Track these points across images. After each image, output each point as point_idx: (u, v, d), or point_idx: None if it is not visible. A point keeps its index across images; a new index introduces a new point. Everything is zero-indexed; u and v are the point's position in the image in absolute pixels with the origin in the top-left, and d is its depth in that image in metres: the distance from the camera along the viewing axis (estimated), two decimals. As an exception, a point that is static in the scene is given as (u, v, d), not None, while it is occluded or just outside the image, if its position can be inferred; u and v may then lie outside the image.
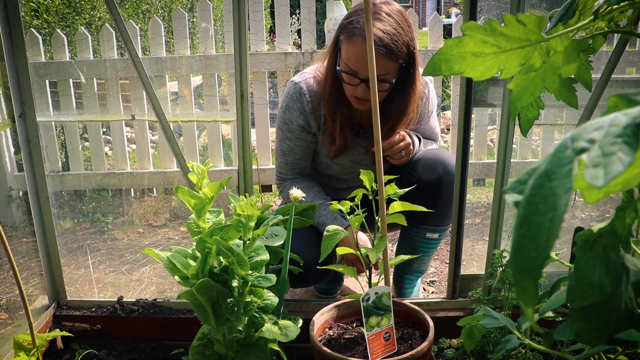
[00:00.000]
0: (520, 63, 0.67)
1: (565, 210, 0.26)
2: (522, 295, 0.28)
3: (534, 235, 0.27)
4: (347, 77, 1.64)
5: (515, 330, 0.90)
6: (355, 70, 1.61)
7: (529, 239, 0.27)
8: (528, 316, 0.29)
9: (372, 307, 1.34)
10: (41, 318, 1.78)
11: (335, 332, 1.51)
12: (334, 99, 1.72)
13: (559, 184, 0.26)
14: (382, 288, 1.36)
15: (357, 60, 1.59)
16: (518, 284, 0.28)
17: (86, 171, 3.48)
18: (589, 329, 0.57)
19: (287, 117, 1.80)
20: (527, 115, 0.87)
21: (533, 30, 0.63)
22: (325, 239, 1.43)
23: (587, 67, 0.82)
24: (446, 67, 0.65)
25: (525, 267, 0.27)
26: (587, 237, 0.56)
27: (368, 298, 1.34)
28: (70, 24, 4.26)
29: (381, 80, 1.59)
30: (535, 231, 0.27)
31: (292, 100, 1.78)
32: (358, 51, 1.57)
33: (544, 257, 0.26)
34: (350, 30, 1.59)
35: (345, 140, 1.77)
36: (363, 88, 1.62)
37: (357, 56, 1.58)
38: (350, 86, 1.64)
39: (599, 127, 0.27)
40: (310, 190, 1.83)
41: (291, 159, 1.87)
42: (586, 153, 0.26)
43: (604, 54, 2.90)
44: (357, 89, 1.63)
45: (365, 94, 1.63)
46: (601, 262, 0.56)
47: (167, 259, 1.22)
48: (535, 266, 0.27)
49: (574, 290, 0.56)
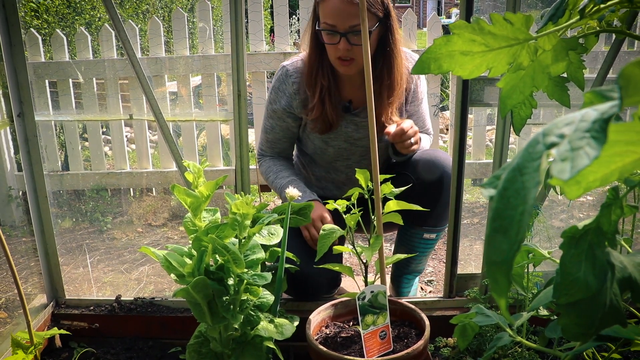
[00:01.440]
0: (509, 61, 0.67)
1: (533, 204, 0.26)
2: (494, 287, 0.29)
3: (505, 229, 0.27)
4: (327, 37, 1.65)
5: (507, 328, 0.91)
6: (333, 24, 1.62)
7: (501, 232, 0.27)
8: (501, 307, 0.29)
9: (367, 306, 1.35)
10: (40, 317, 1.79)
11: (332, 330, 1.51)
12: (314, 68, 1.74)
13: (529, 178, 0.27)
14: (378, 287, 1.36)
15: (334, 14, 1.61)
16: (491, 276, 0.28)
17: (85, 171, 3.49)
18: (575, 325, 0.58)
19: (272, 98, 1.86)
20: (520, 114, 0.87)
21: (521, 29, 0.64)
22: (321, 238, 1.43)
23: (579, 67, 0.83)
24: (435, 66, 0.65)
25: (497, 260, 0.28)
26: (573, 234, 0.57)
27: (364, 297, 1.34)
28: (70, 24, 4.27)
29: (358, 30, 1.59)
30: (507, 224, 0.27)
31: (278, 82, 1.84)
32: (333, 4, 1.60)
33: (515, 249, 0.27)
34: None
35: (324, 111, 1.77)
36: (344, 44, 1.62)
37: (332, 9, 1.61)
38: (333, 46, 1.65)
39: (570, 122, 0.28)
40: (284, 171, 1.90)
41: (271, 137, 1.94)
42: (556, 148, 0.27)
43: (600, 54, 2.91)
44: (338, 47, 1.64)
45: (347, 50, 1.63)
46: (587, 258, 0.57)
47: (164, 257, 1.23)
48: (506, 258, 0.27)
49: (560, 286, 0.56)
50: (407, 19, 3.31)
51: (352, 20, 1.60)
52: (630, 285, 0.57)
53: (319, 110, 1.77)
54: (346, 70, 1.71)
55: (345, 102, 1.83)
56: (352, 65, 1.68)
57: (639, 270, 0.57)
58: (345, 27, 1.61)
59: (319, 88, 1.75)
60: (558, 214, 2.76)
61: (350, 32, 1.61)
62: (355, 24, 1.59)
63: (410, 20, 3.31)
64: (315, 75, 1.75)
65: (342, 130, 1.86)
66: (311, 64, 1.75)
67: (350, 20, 1.60)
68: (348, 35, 1.62)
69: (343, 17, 1.60)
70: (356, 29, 1.60)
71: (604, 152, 0.39)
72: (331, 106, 1.77)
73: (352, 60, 1.67)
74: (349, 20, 1.60)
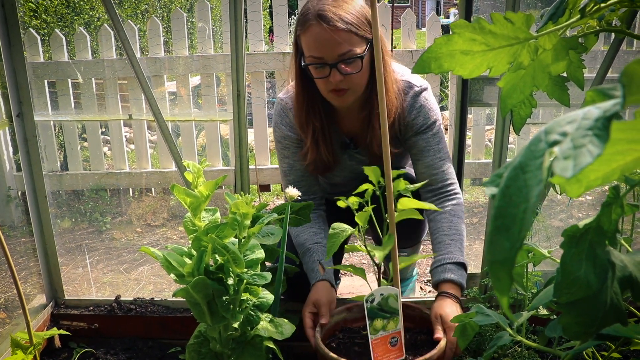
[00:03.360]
0: (509, 61, 0.67)
1: (536, 202, 0.26)
2: (497, 285, 0.29)
3: (508, 227, 0.27)
4: (315, 71, 1.48)
5: (507, 327, 0.91)
6: (319, 56, 1.45)
7: (503, 230, 0.27)
8: (503, 306, 0.29)
9: (377, 309, 1.24)
10: (39, 317, 1.78)
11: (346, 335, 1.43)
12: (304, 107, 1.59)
13: (531, 176, 0.27)
14: (389, 289, 1.25)
15: (318, 44, 1.44)
16: (493, 274, 0.28)
17: (85, 171, 3.48)
18: (575, 324, 0.58)
19: (279, 134, 1.69)
20: (520, 113, 0.87)
21: (521, 29, 0.64)
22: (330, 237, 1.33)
23: (579, 66, 0.83)
24: (435, 65, 0.65)
25: (500, 258, 0.28)
26: (574, 233, 0.57)
27: (373, 299, 1.24)
28: (69, 24, 4.27)
29: (350, 57, 1.44)
30: (509, 222, 0.27)
31: (280, 117, 1.68)
32: (317, 33, 1.43)
33: (517, 247, 0.27)
34: (302, 20, 1.46)
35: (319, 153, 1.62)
36: (336, 75, 1.45)
37: (316, 40, 1.44)
38: (323, 80, 1.48)
39: (572, 120, 0.28)
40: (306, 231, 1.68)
41: (293, 178, 1.72)
42: (558, 145, 0.27)
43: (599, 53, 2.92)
44: (329, 79, 1.46)
45: (340, 82, 1.46)
46: (587, 257, 0.57)
47: (163, 257, 1.23)
48: (509, 257, 0.27)
49: (561, 285, 0.56)
50: (407, 19, 3.31)
51: (340, 48, 1.43)
52: (631, 284, 0.57)
53: (314, 154, 1.62)
54: (342, 102, 1.54)
55: (345, 139, 1.69)
56: (347, 96, 1.51)
57: (639, 269, 0.57)
58: (333, 57, 1.44)
59: (311, 129, 1.60)
60: (557, 213, 2.76)
61: (340, 62, 1.44)
62: (345, 51, 1.43)
63: (410, 20, 3.31)
64: (306, 116, 1.59)
65: (347, 164, 1.73)
66: (300, 103, 1.59)
67: (338, 48, 1.42)
68: (338, 66, 1.44)
69: (330, 46, 1.42)
70: (346, 57, 1.44)
71: (605, 150, 0.39)
72: (326, 148, 1.62)
73: (347, 90, 1.50)
74: (337, 49, 1.43)
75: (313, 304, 1.50)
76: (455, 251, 1.52)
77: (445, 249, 1.53)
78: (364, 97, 1.57)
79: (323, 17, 1.41)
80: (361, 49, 1.45)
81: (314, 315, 1.48)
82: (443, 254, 1.52)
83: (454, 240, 1.54)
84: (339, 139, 1.69)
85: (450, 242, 1.53)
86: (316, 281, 1.56)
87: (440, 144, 1.63)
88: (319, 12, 1.41)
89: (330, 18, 1.40)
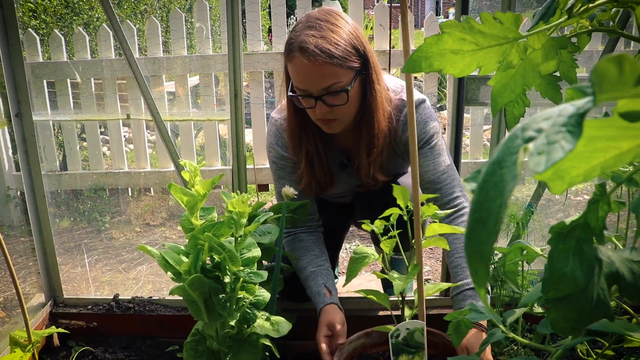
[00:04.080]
0: (498, 60, 0.68)
1: (509, 196, 0.27)
2: (475, 277, 0.30)
3: (485, 220, 0.28)
4: (302, 101, 1.44)
5: (500, 324, 0.92)
6: (304, 88, 1.40)
7: (481, 223, 0.28)
8: (481, 297, 0.30)
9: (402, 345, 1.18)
10: (38, 316, 1.79)
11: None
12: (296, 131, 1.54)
13: (507, 171, 0.28)
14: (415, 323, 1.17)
15: (303, 77, 1.38)
16: (471, 266, 0.29)
17: (84, 171, 3.49)
18: (563, 320, 0.59)
19: (274, 155, 1.64)
20: (513, 112, 0.88)
21: (510, 28, 0.65)
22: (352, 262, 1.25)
23: (572, 65, 0.84)
24: (426, 64, 0.66)
25: (477, 250, 0.28)
26: (561, 230, 0.58)
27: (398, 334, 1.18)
28: (68, 24, 4.27)
29: (334, 91, 1.38)
30: (486, 216, 0.28)
31: (275, 137, 1.63)
32: (299, 66, 1.37)
33: (493, 240, 0.28)
34: (287, 49, 1.41)
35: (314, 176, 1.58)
36: (321, 106, 1.40)
37: (300, 72, 1.38)
38: (311, 109, 1.44)
39: (548, 117, 0.29)
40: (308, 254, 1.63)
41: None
42: (533, 142, 0.28)
43: (595, 53, 2.92)
44: (316, 110, 1.42)
45: (326, 113, 1.42)
46: (574, 254, 0.57)
47: (161, 255, 1.23)
48: (485, 249, 0.28)
49: (548, 281, 0.57)
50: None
51: (324, 82, 1.36)
52: (617, 279, 0.58)
53: (308, 177, 1.58)
54: (329, 130, 1.50)
55: (342, 159, 1.65)
56: (335, 125, 1.47)
57: (625, 265, 0.58)
58: (318, 90, 1.38)
59: (305, 152, 1.55)
60: (555, 213, 2.77)
61: (325, 94, 1.38)
62: (330, 84, 1.37)
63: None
64: (299, 139, 1.54)
65: (345, 180, 1.69)
66: (292, 128, 1.54)
67: (322, 81, 1.36)
68: (323, 98, 1.38)
69: (314, 80, 1.37)
70: (331, 90, 1.37)
71: (585, 147, 0.40)
72: (322, 170, 1.58)
73: (334, 120, 1.45)
74: (321, 82, 1.36)
75: (327, 327, 1.45)
76: None
77: (463, 272, 1.47)
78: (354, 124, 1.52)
79: (305, 50, 1.34)
80: (347, 80, 1.39)
81: (329, 339, 1.44)
82: (462, 279, 1.46)
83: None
84: (337, 158, 1.65)
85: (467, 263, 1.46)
86: (324, 305, 1.51)
87: (440, 157, 1.56)
88: (301, 45, 1.34)
89: (312, 51, 1.33)
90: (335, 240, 1.91)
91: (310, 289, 1.56)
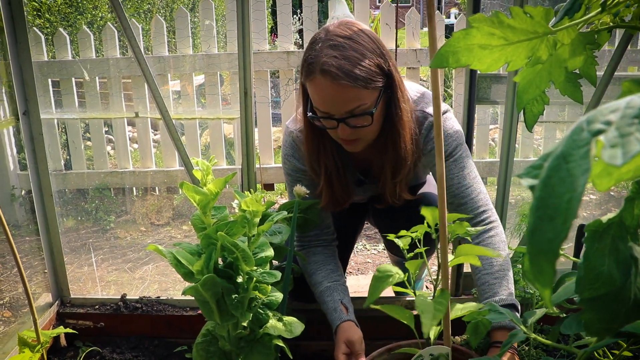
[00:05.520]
0: (527, 55, 0.67)
1: (583, 192, 0.26)
2: (539, 277, 0.28)
3: (551, 217, 0.27)
4: (323, 122, 1.38)
5: (521, 324, 0.90)
6: (326, 111, 1.33)
7: (546, 220, 0.27)
8: (545, 299, 0.29)
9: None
10: (45, 316, 1.78)
11: None
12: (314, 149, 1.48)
13: (575, 166, 0.26)
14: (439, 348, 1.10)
15: (325, 100, 1.31)
16: (535, 265, 0.28)
17: (89, 170, 3.48)
18: (598, 320, 0.57)
19: (289, 167, 1.60)
20: (532, 110, 0.87)
21: (540, 22, 0.64)
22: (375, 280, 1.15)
23: (592, 62, 0.83)
24: (453, 59, 0.65)
25: (543, 249, 0.27)
26: (596, 228, 0.56)
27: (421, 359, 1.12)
28: (73, 23, 4.27)
29: (359, 114, 1.32)
30: (552, 213, 0.27)
31: (292, 149, 1.58)
32: (321, 89, 1.30)
33: (562, 237, 0.27)
34: (307, 69, 1.33)
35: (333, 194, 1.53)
36: (344, 128, 1.35)
37: (322, 95, 1.31)
38: (333, 130, 1.39)
39: (615, 109, 0.28)
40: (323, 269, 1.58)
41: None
42: (603, 134, 0.27)
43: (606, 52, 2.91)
44: (337, 131, 1.37)
45: (350, 134, 1.36)
46: (610, 252, 0.56)
47: (172, 255, 1.22)
48: (553, 247, 0.27)
49: (583, 281, 0.56)
50: (411, 18, 3.31)
51: (348, 105, 1.30)
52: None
53: (328, 194, 1.52)
54: (352, 149, 1.44)
55: (359, 176, 1.61)
56: (358, 144, 1.42)
57: (662, 265, 0.57)
58: (341, 113, 1.32)
59: (324, 169, 1.50)
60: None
61: (349, 117, 1.32)
62: (354, 107, 1.30)
63: (414, 19, 3.30)
64: (317, 157, 1.49)
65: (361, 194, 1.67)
66: (309, 145, 1.48)
67: (346, 105, 1.30)
68: (347, 120, 1.32)
69: (336, 104, 1.30)
70: (355, 112, 1.31)
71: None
72: (341, 188, 1.53)
73: (357, 139, 1.40)
74: (345, 106, 1.30)
75: (345, 344, 1.41)
76: (502, 291, 1.38)
77: (490, 290, 1.39)
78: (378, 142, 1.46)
79: (328, 73, 1.26)
80: (371, 101, 1.32)
81: (347, 357, 1.41)
82: (488, 297, 1.39)
83: (498, 278, 1.40)
84: (353, 176, 1.61)
85: (495, 280, 1.40)
86: (342, 322, 1.46)
87: (464, 170, 1.48)
88: (323, 68, 1.27)
89: (335, 74, 1.26)
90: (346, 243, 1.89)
91: (327, 305, 1.52)
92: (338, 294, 1.52)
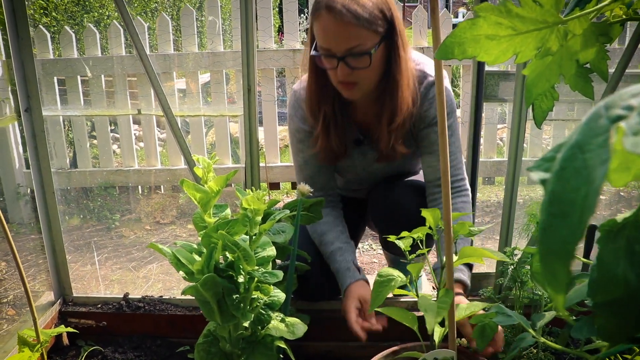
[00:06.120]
0: (537, 46, 0.64)
1: (601, 185, 0.23)
2: (551, 280, 0.25)
3: (565, 213, 0.24)
4: (324, 61, 1.44)
5: (529, 328, 0.87)
6: (327, 47, 1.39)
7: (559, 217, 0.24)
8: (558, 304, 0.26)
9: None
10: (47, 314, 1.77)
11: None
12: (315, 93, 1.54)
13: (593, 156, 0.23)
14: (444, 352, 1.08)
15: (327, 36, 1.38)
16: (546, 267, 0.25)
17: (94, 168, 3.48)
18: (612, 325, 0.54)
19: (293, 127, 1.66)
20: (541, 106, 0.84)
21: (550, 12, 0.61)
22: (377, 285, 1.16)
23: (604, 57, 0.79)
24: (459, 51, 0.62)
25: (556, 249, 0.24)
26: (610, 228, 0.53)
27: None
28: (79, 21, 4.27)
29: (357, 53, 1.37)
30: (567, 208, 0.24)
31: (294, 109, 1.65)
32: (325, 24, 1.36)
33: (578, 236, 0.24)
34: (315, 7, 1.40)
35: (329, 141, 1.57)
36: (343, 68, 1.40)
37: (325, 31, 1.38)
38: (333, 71, 1.44)
39: (637, 93, 0.25)
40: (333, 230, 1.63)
41: (308, 173, 1.67)
42: (624, 121, 0.24)
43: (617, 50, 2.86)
44: (337, 71, 1.42)
45: (348, 75, 1.41)
46: (625, 254, 0.53)
47: (172, 254, 1.20)
48: (567, 247, 0.24)
49: (597, 284, 0.53)
50: (418, 16, 3.27)
51: (349, 42, 1.36)
52: (672, 282, 0.53)
53: (324, 141, 1.57)
54: (350, 95, 1.49)
55: (358, 135, 1.65)
56: (355, 90, 1.47)
57: (680, 267, 0.54)
58: (341, 50, 1.38)
59: (322, 115, 1.55)
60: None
61: (348, 56, 1.38)
62: (354, 45, 1.37)
63: (421, 17, 3.27)
64: (318, 102, 1.55)
65: (356, 162, 1.70)
66: (311, 89, 1.55)
67: (346, 42, 1.37)
68: (346, 59, 1.39)
69: (338, 39, 1.37)
70: (355, 51, 1.38)
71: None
72: (337, 137, 1.58)
73: (355, 84, 1.45)
74: (346, 43, 1.37)
75: (358, 300, 1.45)
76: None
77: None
78: (377, 92, 1.52)
79: (332, 9, 1.34)
80: (372, 44, 1.38)
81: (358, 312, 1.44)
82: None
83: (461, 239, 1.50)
84: (353, 134, 1.65)
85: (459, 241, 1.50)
86: (356, 280, 1.51)
87: (452, 136, 1.57)
88: (329, 4, 1.35)
89: (339, 10, 1.33)
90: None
91: (339, 264, 1.55)
92: (350, 255, 1.57)
